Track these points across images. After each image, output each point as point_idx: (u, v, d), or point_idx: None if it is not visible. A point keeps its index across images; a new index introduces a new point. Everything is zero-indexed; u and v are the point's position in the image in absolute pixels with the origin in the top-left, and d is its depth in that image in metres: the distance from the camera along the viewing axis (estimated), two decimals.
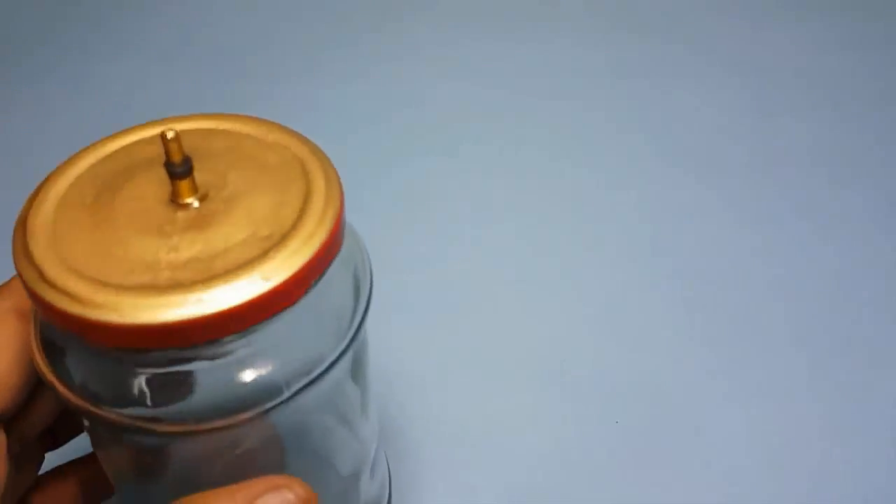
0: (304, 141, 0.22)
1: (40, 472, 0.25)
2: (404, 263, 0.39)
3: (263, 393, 0.19)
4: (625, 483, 0.33)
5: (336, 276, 0.21)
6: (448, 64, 0.51)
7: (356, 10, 0.54)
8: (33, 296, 0.18)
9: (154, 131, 0.22)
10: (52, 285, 0.18)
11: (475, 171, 0.45)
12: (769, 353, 0.37)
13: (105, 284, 0.18)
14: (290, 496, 0.20)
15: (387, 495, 0.29)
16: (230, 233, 0.19)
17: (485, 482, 0.32)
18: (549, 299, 0.39)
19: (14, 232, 0.19)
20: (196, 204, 0.20)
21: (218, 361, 0.19)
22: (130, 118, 0.23)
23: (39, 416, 0.23)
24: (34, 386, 0.22)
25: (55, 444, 0.25)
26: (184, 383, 0.19)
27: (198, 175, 0.20)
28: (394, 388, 0.35)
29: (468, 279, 0.40)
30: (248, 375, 0.19)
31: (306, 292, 0.19)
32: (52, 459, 0.26)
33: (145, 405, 0.19)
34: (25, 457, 0.24)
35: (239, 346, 0.19)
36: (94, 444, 0.23)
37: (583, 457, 0.34)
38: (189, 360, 0.19)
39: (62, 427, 0.25)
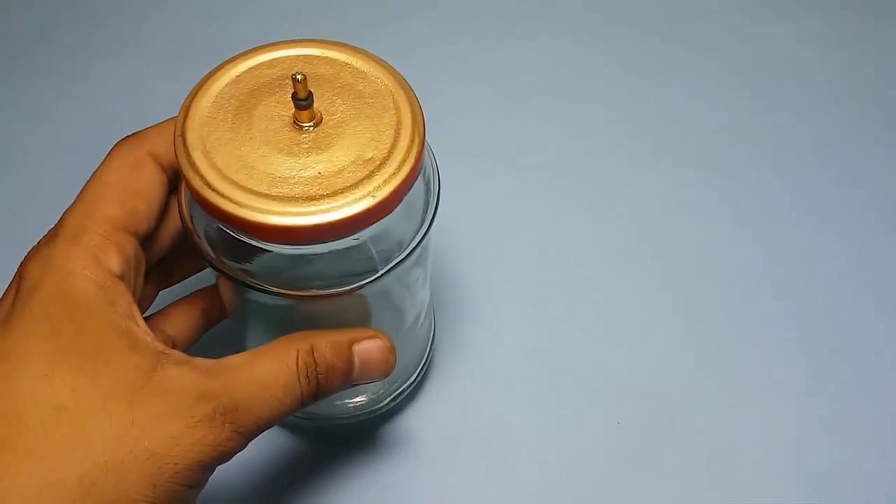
0: (392, 71, 0.27)
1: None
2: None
3: (364, 274, 0.26)
4: (625, 483, 0.34)
5: (416, 185, 0.27)
6: (447, 64, 0.50)
7: (356, 9, 0.52)
8: (202, 200, 0.24)
9: (270, 55, 0.27)
10: (217, 192, 0.24)
11: (475, 172, 0.45)
12: (769, 353, 0.38)
13: (256, 193, 0.24)
14: (380, 343, 0.28)
15: (432, 332, 0.38)
16: (343, 155, 0.25)
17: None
18: (548, 299, 0.40)
19: (175, 143, 0.25)
20: (313, 128, 0.26)
21: (335, 251, 0.26)
22: (130, 117, 0.25)
23: (161, 245, 0.29)
24: (161, 219, 0.28)
25: (168, 283, 0.32)
26: (304, 262, 0.26)
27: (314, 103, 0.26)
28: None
29: (467, 282, 0.41)
30: (356, 261, 0.26)
31: (399, 203, 0.25)
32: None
33: (277, 276, 0.26)
34: (149, 283, 0.30)
35: (350, 241, 0.25)
36: (220, 287, 0.30)
37: (583, 457, 0.35)
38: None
39: (177, 268, 0.32)
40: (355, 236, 0.25)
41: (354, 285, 0.26)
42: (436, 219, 0.28)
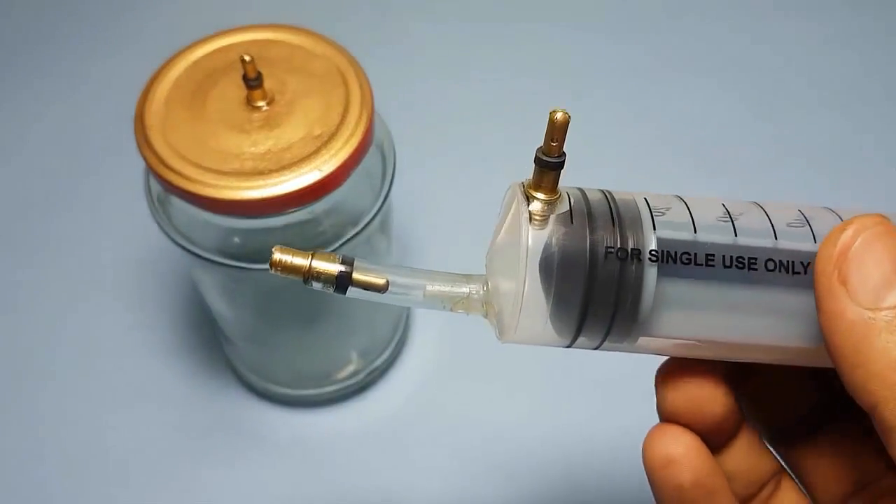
0: (343, 52, 0.28)
1: None
2: None
3: (319, 246, 0.27)
4: (625, 482, 0.34)
5: (369, 158, 0.28)
6: (447, 64, 0.50)
7: (355, 9, 0.52)
8: (158, 176, 0.26)
9: (227, 41, 0.29)
10: (171, 169, 0.25)
11: (475, 174, 0.45)
12: None
13: (208, 169, 0.25)
14: None
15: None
16: (292, 132, 0.26)
17: None
18: None
19: (134, 124, 0.27)
20: (265, 106, 0.27)
21: (290, 222, 0.27)
22: (130, 118, 0.26)
23: None
24: None
25: None
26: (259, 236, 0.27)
27: (265, 82, 0.27)
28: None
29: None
30: (310, 233, 0.27)
31: (347, 177, 0.26)
32: None
33: (236, 255, 0.28)
34: None
35: (304, 215, 0.26)
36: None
37: (581, 456, 0.35)
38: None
39: None
40: (308, 209, 0.26)
41: None
42: (392, 190, 0.29)
